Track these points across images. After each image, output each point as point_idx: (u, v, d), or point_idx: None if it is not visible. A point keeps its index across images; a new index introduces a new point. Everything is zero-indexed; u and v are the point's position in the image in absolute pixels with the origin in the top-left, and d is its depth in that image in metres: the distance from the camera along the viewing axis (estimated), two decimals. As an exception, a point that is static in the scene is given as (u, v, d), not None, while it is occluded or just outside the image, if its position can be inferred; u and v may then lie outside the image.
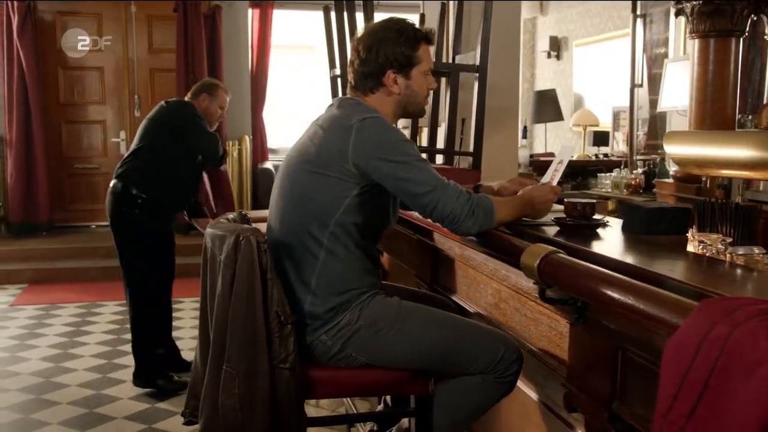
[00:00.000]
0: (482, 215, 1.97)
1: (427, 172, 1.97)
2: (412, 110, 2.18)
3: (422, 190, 1.95)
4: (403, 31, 2.09)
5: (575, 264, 1.51)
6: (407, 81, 2.10)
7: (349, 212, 2.00)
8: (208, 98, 3.92)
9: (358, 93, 2.14)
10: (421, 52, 2.11)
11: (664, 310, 1.19)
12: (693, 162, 1.78)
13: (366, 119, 1.99)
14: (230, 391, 1.87)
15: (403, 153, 1.96)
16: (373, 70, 2.08)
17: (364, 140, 1.96)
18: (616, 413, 1.60)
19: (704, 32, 4.16)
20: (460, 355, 2.01)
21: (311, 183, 2.02)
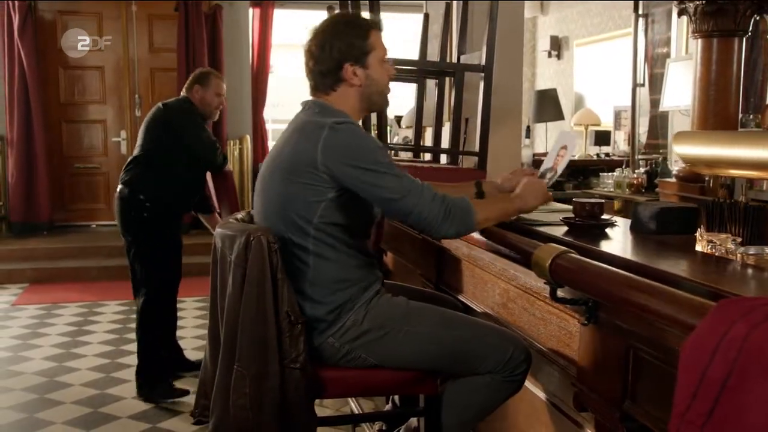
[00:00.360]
0: (459, 217, 1.95)
1: (399, 178, 1.95)
2: (376, 101, 2.16)
3: (395, 196, 1.93)
4: (351, 23, 2.10)
5: (589, 264, 1.52)
6: (366, 71, 2.08)
7: (327, 215, 1.99)
8: (201, 89, 3.86)
9: (320, 94, 2.12)
10: (373, 39, 2.10)
11: (681, 311, 1.19)
12: (703, 162, 1.79)
13: (336, 124, 1.97)
14: (241, 391, 1.87)
15: (374, 160, 1.94)
16: (330, 66, 2.07)
17: (334, 146, 1.94)
18: (628, 413, 1.60)
19: (707, 32, 4.16)
20: (469, 354, 2.02)
21: (286, 190, 2.01)
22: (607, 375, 1.66)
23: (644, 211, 2.00)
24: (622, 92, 6.66)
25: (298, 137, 2.02)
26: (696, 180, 4.25)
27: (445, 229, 1.95)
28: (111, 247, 7.02)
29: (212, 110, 3.92)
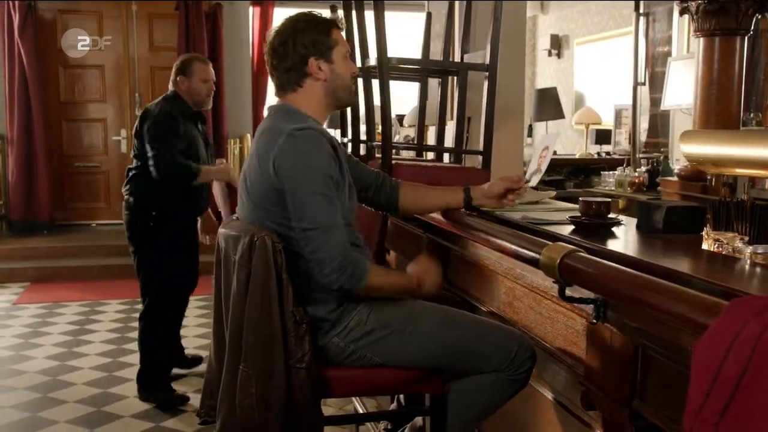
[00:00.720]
0: (350, 275, 1.93)
1: (321, 209, 1.93)
2: (341, 95, 2.16)
3: (305, 225, 1.92)
4: (312, 20, 2.10)
5: (600, 263, 1.52)
6: (330, 65, 2.09)
7: None
8: (185, 79, 3.72)
9: (287, 93, 2.12)
10: (335, 35, 2.11)
11: (694, 310, 1.19)
12: (709, 161, 1.78)
13: (295, 131, 1.97)
14: (247, 391, 1.87)
15: (310, 180, 1.93)
16: (295, 62, 2.07)
17: (286, 151, 1.94)
18: (637, 411, 1.60)
19: (709, 31, 4.16)
20: (474, 353, 2.02)
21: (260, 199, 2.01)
22: (615, 373, 1.66)
23: (651, 210, 2.00)
24: (623, 91, 6.66)
25: (263, 144, 2.02)
26: (698, 179, 4.25)
27: (331, 279, 1.93)
28: (111, 246, 7.03)
29: (202, 98, 3.78)
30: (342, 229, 1.96)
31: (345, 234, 1.96)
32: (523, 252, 1.82)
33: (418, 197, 2.40)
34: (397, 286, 2.11)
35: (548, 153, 2.35)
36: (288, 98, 2.12)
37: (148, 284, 3.78)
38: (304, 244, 1.93)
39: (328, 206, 1.94)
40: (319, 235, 1.91)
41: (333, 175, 1.97)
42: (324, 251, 1.91)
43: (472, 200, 2.35)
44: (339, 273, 1.91)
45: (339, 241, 1.93)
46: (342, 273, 1.92)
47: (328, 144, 2.00)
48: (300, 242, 1.95)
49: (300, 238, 1.94)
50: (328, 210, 1.94)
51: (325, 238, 1.91)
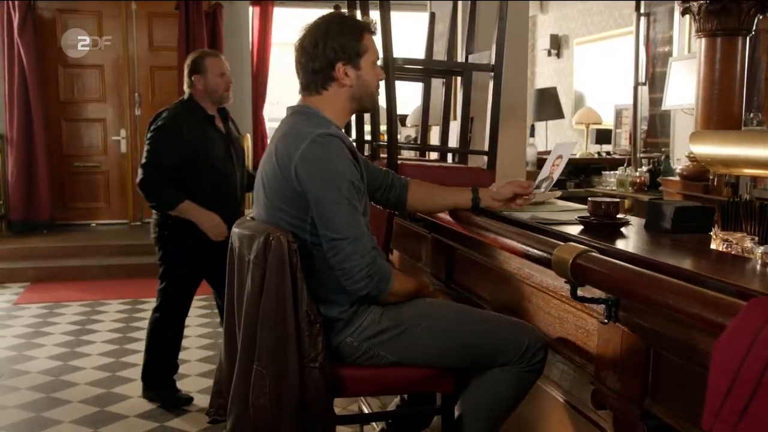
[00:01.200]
0: (377, 282, 1.95)
1: (347, 218, 1.94)
2: (366, 102, 2.16)
3: (333, 234, 1.93)
4: (346, 24, 2.09)
5: (614, 264, 1.53)
6: (358, 72, 2.09)
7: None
8: (200, 77, 3.49)
9: (311, 93, 2.12)
10: (366, 41, 2.10)
11: (711, 310, 1.20)
12: (720, 161, 1.79)
13: (318, 137, 1.97)
14: (261, 390, 1.88)
15: (335, 189, 1.94)
16: (323, 65, 2.07)
17: (309, 159, 1.95)
18: (649, 410, 1.61)
19: (711, 31, 4.18)
20: (486, 347, 2.02)
21: (276, 205, 2.02)
22: (627, 373, 1.68)
23: (660, 211, 2.01)
24: (623, 91, 6.68)
25: (283, 147, 2.02)
26: (700, 178, 4.27)
27: (358, 287, 1.94)
28: (112, 246, 7.04)
29: (222, 94, 3.54)
30: (368, 236, 1.97)
31: (371, 241, 1.97)
32: (534, 252, 1.83)
33: (426, 196, 2.41)
34: (414, 291, 2.12)
35: (562, 162, 2.36)
36: (310, 100, 2.11)
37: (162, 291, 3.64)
38: (333, 254, 1.94)
39: (354, 214, 1.95)
40: (347, 245, 1.92)
41: (355, 182, 1.98)
42: (353, 261, 1.92)
43: (480, 201, 2.36)
44: (367, 281, 1.93)
45: (366, 249, 1.94)
46: (370, 281, 1.94)
47: (348, 151, 2.00)
48: (327, 251, 1.95)
49: (327, 248, 1.95)
50: (354, 218, 1.95)
51: (354, 248, 1.92)
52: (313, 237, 1.98)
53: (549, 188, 2.42)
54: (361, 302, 2.02)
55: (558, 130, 8.23)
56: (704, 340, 1.42)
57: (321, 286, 2.00)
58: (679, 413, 1.53)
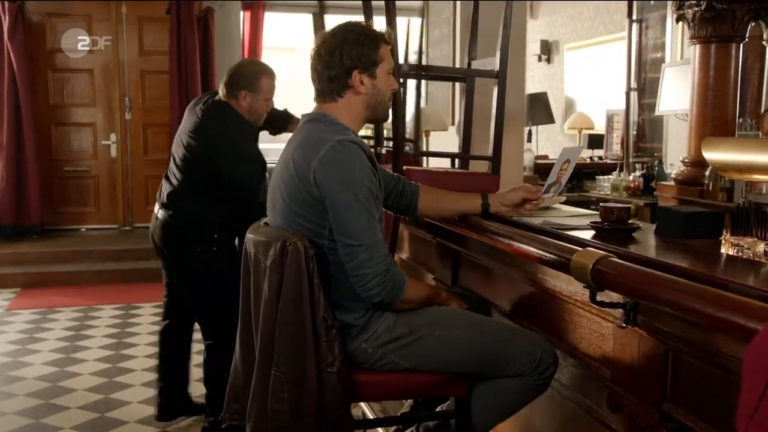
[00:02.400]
0: (390, 290, 1.97)
1: (364, 225, 1.95)
2: (379, 111, 2.17)
3: (350, 240, 1.94)
4: (363, 33, 2.10)
5: (638, 269, 1.55)
6: (373, 81, 2.10)
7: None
8: (249, 96, 3.13)
9: (326, 100, 2.13)
10: (382, 51, 2.12)
11: (741, 315, 1.22)
12: (733, 167, 1.83)
13: (338, 143, 1.97)
14: (279, 395, 1.88)
15: (352, 195, 1.94)
16: (339, 72, 2.08)
17: (328, 163, 1.95)
18: (668, 413, 1.63)
19: (705, 38, 4.24)
20: (499, 358, 2.04)
21: (293, 211, 2.02)
22: (645, 376, 1.70)
23: (671, 216, 2.04)
24: (614, 96, 6.74)
25: (301, 153, 2.02)
26: (695, 183, 4.33)
27: (372, 294, 1.95)
28: (102, 251, 6.99)
29: (260, 117, 3.24)
30: (383, 243, 1.98)
31: (385, 248, 1.98)
32: (551, 257, 1.85)
33: (436, 202, 2.42)
34: (428, 298, 2.13)
35: (569, 167, 2.38)
36: (326, 107, 2.12)
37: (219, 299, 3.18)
38: (348, 260, 1.95)
39: (371, 221, 1.96)
40: (363, 252, 1.93)
41: (373, 190, 1.99)
42: (368, 268, 1.93)
43: (490, 207, 2.38)
44: (381, 288, 1.94)
45: (381, 257, 1.95)
46: (384, 288, 1.94)
47: (367, 158, 2.01)
48: (343, 257, 1.96)
49: (343, 254, 1.95)
50: (371, 225, 1.95)
51: (369, 255, 1.93)
52: (330, 243, 1.99)
53: (557, 193, 2.44)
54: (376, 309, 2.03)
55: (548, 135, 8.28)
56: (725, 343, 1.44)
57: (336, 292, 2.00)
58: (700, 416, 1.55)
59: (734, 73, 4.23)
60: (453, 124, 4.43)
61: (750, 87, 5.00)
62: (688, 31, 4.36)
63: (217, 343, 3.29)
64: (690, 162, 4.38)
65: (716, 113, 4.25)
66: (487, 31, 3.62)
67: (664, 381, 1.65)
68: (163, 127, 7.74)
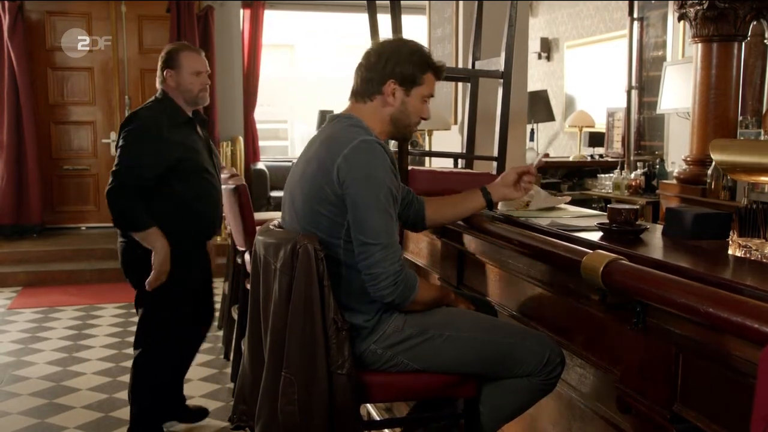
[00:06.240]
0: (402, 291, 1.97)
1: (383, 225, 1.95)
2: (401, 129, 2.18)
3: (367, 239, 1.95)
4: (417, 53, 2.12)
5: (651, 273, 1.56)
6: (405, 97, 2.11)
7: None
8: (172, 73, 3.09)
9: (357, 100, 2.15)
10: (427, 77, 2.13)
11: (756, 319, 1.23)
12: (741, 169, 1.84)
13: (363, 142, 1.99)
14: (289, 397, 1.89)
15: (374, 195, 1.95)
16: (376, 76, 2.10)
17: (352, 161, 1.96)
18: (678, 414, 1.64)
19: (708, 37, 4.25)
20: (509, 358, 2.05)
21: (312, 208, 2.02)
22: (655, 378, 1.70)
23: (679, 217, 2.05)
24: (614, 94, 6.75)
25: (326, 151, 2.02)
26: (697, 182, 4.34)
27: (383, 294, 1.96)
28: (104, 250, 6.98)
29: (195, 95, 3.12)
30: (398, 245, 1.98)
31: (400, 250, 1.99)
32: (561, 259, 1.86)
33: (440, 209, 2.42)
34: (437, 300, 2.14)
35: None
36: (356, 107, 2.14)
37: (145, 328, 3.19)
38: (362, 258, 1.95)
39: (389, 222, 1.96)
40: (378, 251, 1.93)
41: (393, 191, 1.99)
42: (381, 267, 1.93)
43: (492, 197, 2.39)
44: (393, 288, 1.95)
45: (396, 258, 1.95)
46: (395, 289, 1.95)
47: (389, 159, 2.02)
48: (357, 255, 1.96)
49: (358, 252, 1.96)
50: (389, 226, 1.96)
51: (384, 255, 1.93)
52: (346, 243, 2.00)
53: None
54: (385, 310, 2.04)
55: (548, 133, 8.29)
56: (737, 345, 1.45)
57: (347, 294, 2.01)
58: (711, 417, 1.56)
59: (736, 72, 4.24)
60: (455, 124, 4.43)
61: (751, 85, 5.01)
62: (690, 29, 4.37)
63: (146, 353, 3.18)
64: (692, 160, 4.39)
65: (718, 112, 4.25)
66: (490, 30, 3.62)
67: (674, 382, 1.66)
68: (163, 126, 7.73)
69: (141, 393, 3.21)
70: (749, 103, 4.91)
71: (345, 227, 1.99)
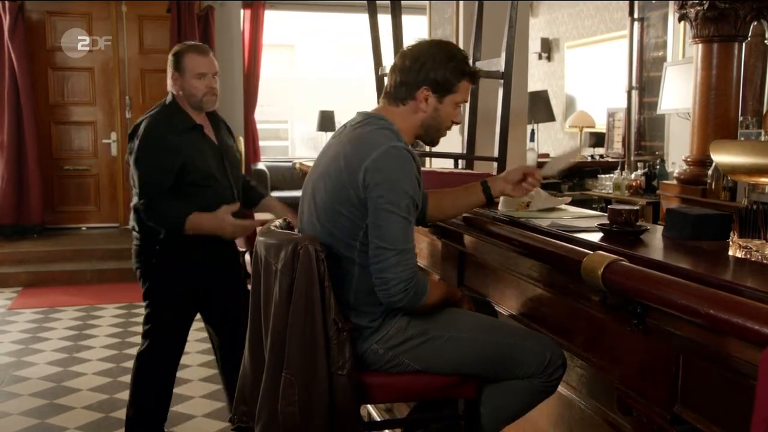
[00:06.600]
0: (412, 296, 1.96)
1: (400, 230, 1.95)
2: (431, 134, 2.17)
3: (382, 243, 1.94)
4: (454, 58, 2.10)
5: (651, 274, 1.55)
6: (438, 104, 2.10)
7: None
8: (177, 76, 2.96)
9: (389, 102, 2.14)
10: (462, 84, 2.12)
11: (756, 321, 1.23)
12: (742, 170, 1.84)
13: (392, 149, 1.98)
14: (290, 398, 1.89)
15: (396, 202, 1.94)
16: (410, 81, 2.08)
17: (378, 167, 1.95)
18: (679, 416, 1.64)
19: (708, 37, 4.25)
20: (510, 360, 2.05)
21: (335, 203, 2.02)
22: (656, 379, 1.70)
23: (680, 218, 2.05)
24: (614, 95, 6.75)
25: (353, 150, 2.01)
26: (697, 182, 4.34)
27: (394, 300, 1.95)
28: (104, 250, 7.00)
29: (199, 99, 2.98)
30: (413, 252, 1.98)
31: (415, 256, 1.98)
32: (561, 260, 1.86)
33: (440, 204, 2.41)
34: (444, 301, 2.13)
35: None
36: (388, 109, 2.13)
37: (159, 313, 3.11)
38: (375, 261, 1.95)
39: (407, 229, 1.96)
40: (392, 256, 1.92)
41: (415, 200, 1.99)
42: (393, 273, 1.92)
43: (493, 191, 2.36)
44: (403, 294, 1.94)
45: (409, 264, 1.95)
46: (406, 295, 1.94)
47: (416, 167, 2.02)
48: (371, 258, 1.96)
49: (372, 255, 1.95)
50: (406, 233, 1.96)
51: (398, 260, 1.92)
52: (362, 246, 1.99)
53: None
54: (390, 311, 2.04)
55: (548, 133, 8.29)
56: (737, 347, 1.45)
57: (357, 295, 2.02)
58: (711, 419, 1.56)
59: (736, 73, 4.24)
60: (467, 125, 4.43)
61: (751, 86, 5.01)
62: (691, 30, 4.37)
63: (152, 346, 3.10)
64: (692, 161, 4.39)
65: (718, 112, 4.25)
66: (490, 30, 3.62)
67: (674, 383, 1.66)
68: (163, 126, 7.74)
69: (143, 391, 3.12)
70: (749, 104, 4.91)
71: (363, 230, 1.99)
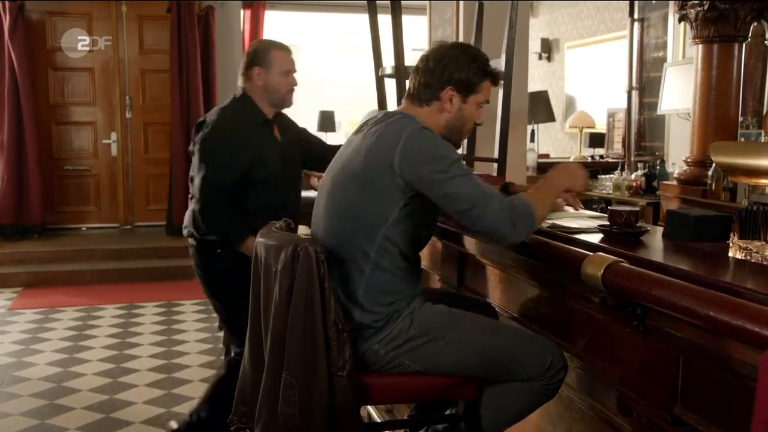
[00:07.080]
0: (522, 222, 1.97)
1: (472, 185, 1.97)
2: (455, 134, 2.19)
3: (467, 206, 1.96)
4: (476, 59, 2.13)
5: (651, 276, 1.56)
6: (462, 104, 2.13)
7: (397, 223, 2.02)
8: (262, 72, 2.92)
9: (413, 103, 2.16)
10: (484, 85, 2.15)
11: (756, 323, 1.23)
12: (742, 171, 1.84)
13: (415, 130, 2.01)
14: (290, 399, 1.89)
15: (448, 167, 1.96)
16: (434, 82, 2.11)
17: (412, 149, 1.97)
18: (679, 417, 1.64)
19: (708, 38, 4.25)
20: (511, 362, 2.05)
21: (358, 197, 2.03)
22: (656, 380, 1.70)
23: (680, 220, 2.05)
24: (615, 95, 6.74)
25: (375, 144, 2.03)
26: (697, 183, 4.34)
27: (514, 238, 1.98)
28: (104, 251, 7.00)
29: (283, 96, 2.98)
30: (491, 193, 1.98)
31: (497, 195, 1.99)
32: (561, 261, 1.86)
33: None
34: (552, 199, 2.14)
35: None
36: (411, 109, 2.15)
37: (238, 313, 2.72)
38: (471, 224, 1.98)
39: (473, 180, 1.98)
40: (478, 210, 1.95)
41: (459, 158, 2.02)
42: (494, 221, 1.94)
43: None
44: (516, 228, 1.96)
45: (496, 207, 1.95)
46: (519, 226, 1.96)
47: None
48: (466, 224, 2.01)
49: (466, 221, 1.99)
50: (474, 183, 1.97)
51: (482, 211, 1.94)
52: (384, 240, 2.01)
53: None
54: (394, 311, 2.04)
55: (548, 133, 8.29)
56: (737, 348, 1.45)
57: (366, 293, 2.03)
58: (712, 420, 1.56)
59: (736, 73, 4.24)
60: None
61: (751, 86, 5.01)
62: (691, 30, 4.37)
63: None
64: (692, 161, 4.39)
65: (719, 113, 4.26)
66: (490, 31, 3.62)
67: (674, 384, 1.66)
68: (163, 125, 7.76)
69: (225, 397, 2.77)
70: (749, 104, 4.92)
71: (389, 221, 2.00)
